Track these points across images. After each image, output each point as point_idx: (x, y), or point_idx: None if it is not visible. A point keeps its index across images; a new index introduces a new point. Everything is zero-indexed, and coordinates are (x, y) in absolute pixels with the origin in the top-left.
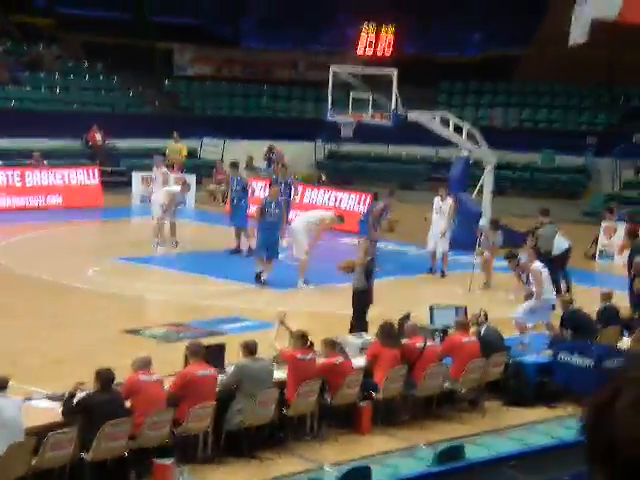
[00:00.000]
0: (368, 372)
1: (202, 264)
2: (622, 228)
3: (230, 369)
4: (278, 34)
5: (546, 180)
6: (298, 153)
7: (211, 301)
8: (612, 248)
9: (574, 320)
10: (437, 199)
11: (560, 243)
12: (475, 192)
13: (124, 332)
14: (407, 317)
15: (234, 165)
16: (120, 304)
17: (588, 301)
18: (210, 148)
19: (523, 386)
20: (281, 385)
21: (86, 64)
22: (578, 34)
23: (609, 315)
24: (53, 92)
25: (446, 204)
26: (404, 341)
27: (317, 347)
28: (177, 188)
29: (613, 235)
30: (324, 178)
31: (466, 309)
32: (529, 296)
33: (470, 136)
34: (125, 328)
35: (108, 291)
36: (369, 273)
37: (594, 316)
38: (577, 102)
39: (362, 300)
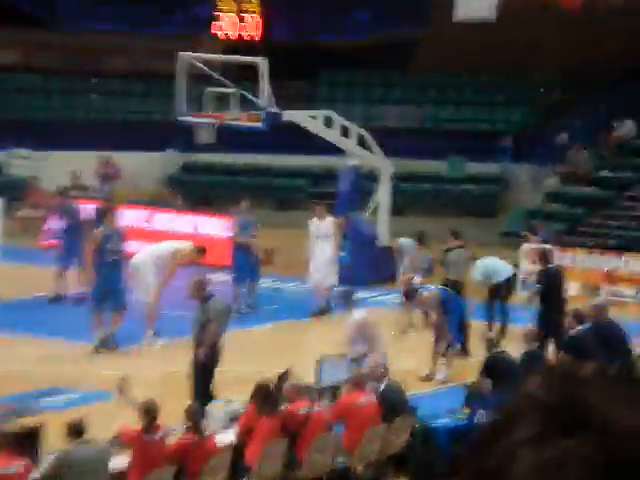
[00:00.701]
0: (238, 450)
1: (12, 318)
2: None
3: (49, 458)
4: (107, 11)
5: (454, 193)
6: (142, 166)
7: (24, 367)
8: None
9: (495, 367)
10: (314, 221)
11: (500, 270)
12: (369, 211)
13: None
14: (286, 375)
15: (65, 189)
16: None
17: (513, 342)
18: (20, 162)
19: (434, 458)
20: (120, 476)
21: None
22: (481, 7)
23: (532, 359)
24: None
25: (327, 224)
26: (283, 406)
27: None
28: None
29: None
30: (178, 198)
31: (360, 360)
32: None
33: (360, 140)
34: None
35: None
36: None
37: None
38: (488, 96)
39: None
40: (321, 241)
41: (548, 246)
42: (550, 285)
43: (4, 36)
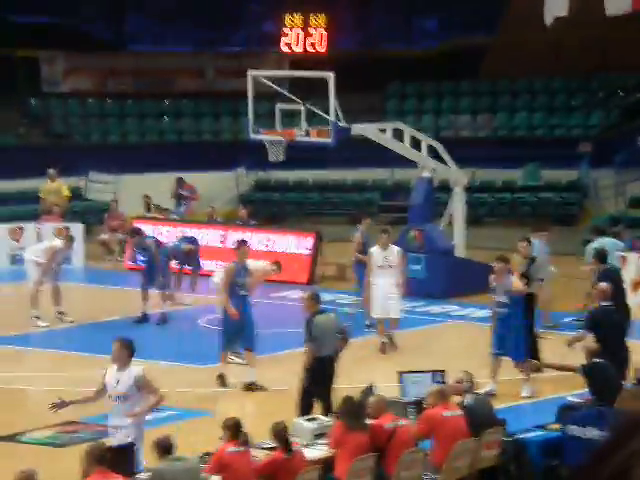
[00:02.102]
0: (327, 465)
1: (97, 340)
2: (636, 258)
3: (142, 476)
4: (175, 33)
5: (531, 202)
6: (214, 186)
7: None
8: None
9: (597, 377)
10: (377, 250)
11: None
12: (443, 222)
13: None
14: (371, 389)
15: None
16: None
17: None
18: (98, 186)
19: (526, 472)
20: None
21: None
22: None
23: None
24: None
25: (392, 252)
26: (369, 421)
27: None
28: (58, 242)
29: (623, 267)
30: (250, 216)
31: (444, 373)
32: None
33: (432, 151)
34: None
35: None
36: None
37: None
38: (564, 100)
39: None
40: (385, 272)
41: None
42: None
43: (77, 62)
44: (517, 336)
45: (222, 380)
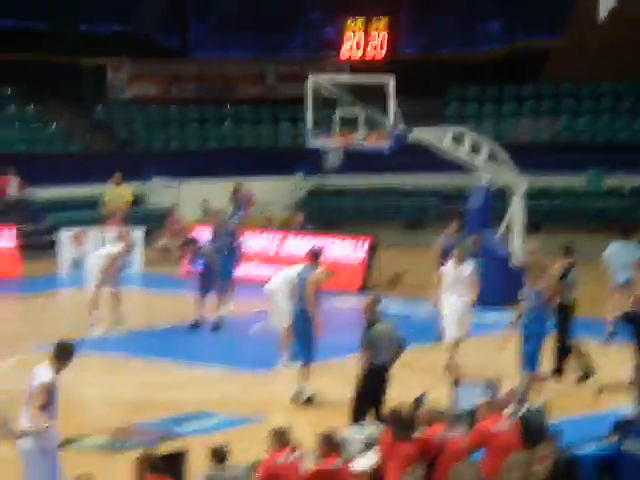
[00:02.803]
0: (376, 476)
1: (155, 345)
2: None
3: None
4: (237, 40)
5: (594, 209)
6: (272, 192)
7: (169, 393)
8: None
9: None
10: (451, 265)
11: None
12: (502, 229)
13: None
14: (421, 399)
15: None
16: None
17: None
18: (159, 191)
19: None
20: None
21: None
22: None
23: None
24: None
25: (467, 270)
26: (419, 432)
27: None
28: (119, 247)
29: None
30: (306, 222)
31: (498, 384)
32: None
33: (492, 157)
34: None
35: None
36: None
37: None
38: (629, 104)
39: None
40: (458, 289)
41: None
42: None
43: (141, 68)
44: (528, 344)
45: (309, 399)
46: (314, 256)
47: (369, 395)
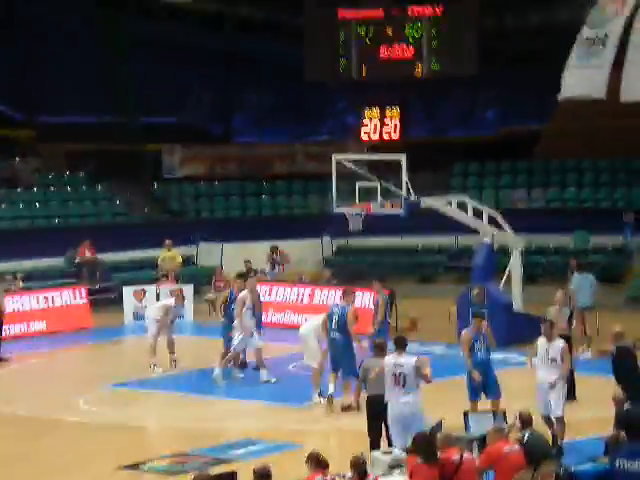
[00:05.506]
0: None
1: (205, 383)
2: None
3: None
4: (273, 127)
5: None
6: (304, 251)
7: (219, 424)
8: None
9: (626, 420)
10: (542, 341)
11: None
12: (503, 280)
13: (120, 468)
14: (439, 425)
15: (241, 275)
16: (116, 436)
17: None
18: (207, 253)
19: None
20: None
21: (67, 174)
22: (593, 88)
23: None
24: (32, 207)
25: (559, 348)
26: (438, 455)
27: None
28: (172, 301)
29: None
30: (333, 277)
31: (504, 413)
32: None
33: (491, 220)
34: (122, 464)
35: (101, 422)
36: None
37: None
38: (608, 177)
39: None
40: (549, 367)
41: None
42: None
43: (192, 152)
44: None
45: (348, 408)
46: (349, 294)
47: (369, 423)
